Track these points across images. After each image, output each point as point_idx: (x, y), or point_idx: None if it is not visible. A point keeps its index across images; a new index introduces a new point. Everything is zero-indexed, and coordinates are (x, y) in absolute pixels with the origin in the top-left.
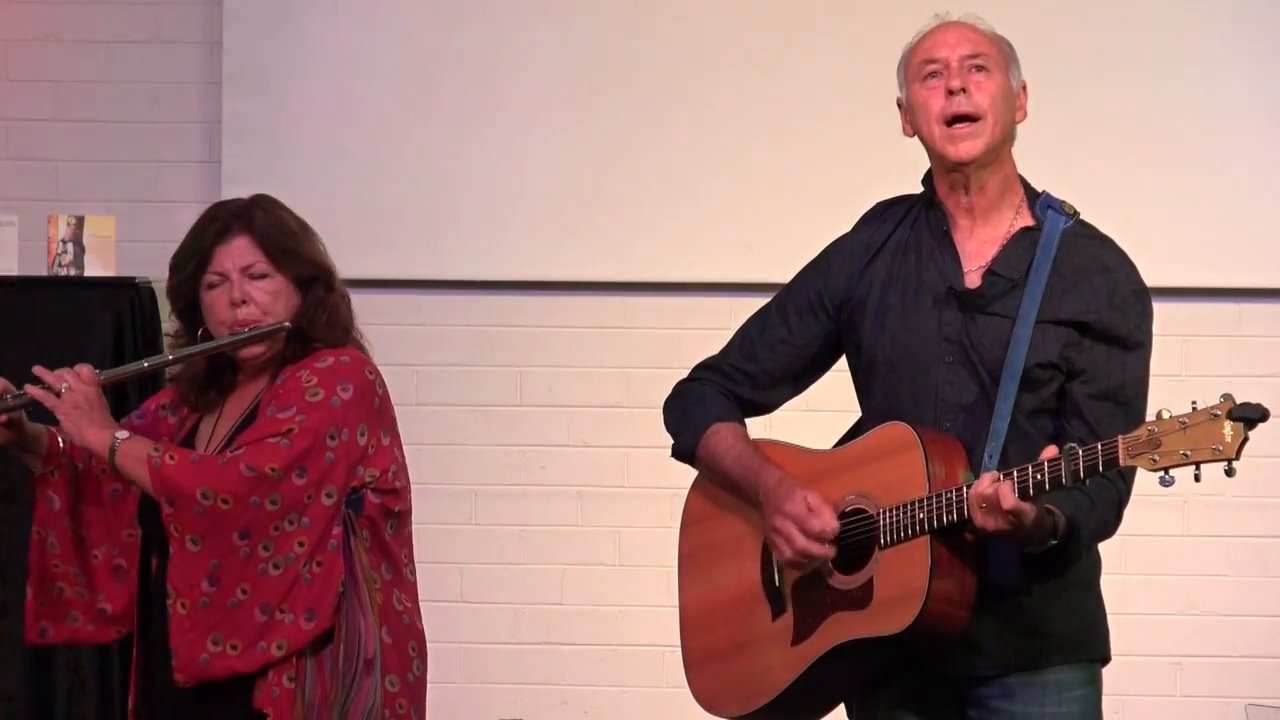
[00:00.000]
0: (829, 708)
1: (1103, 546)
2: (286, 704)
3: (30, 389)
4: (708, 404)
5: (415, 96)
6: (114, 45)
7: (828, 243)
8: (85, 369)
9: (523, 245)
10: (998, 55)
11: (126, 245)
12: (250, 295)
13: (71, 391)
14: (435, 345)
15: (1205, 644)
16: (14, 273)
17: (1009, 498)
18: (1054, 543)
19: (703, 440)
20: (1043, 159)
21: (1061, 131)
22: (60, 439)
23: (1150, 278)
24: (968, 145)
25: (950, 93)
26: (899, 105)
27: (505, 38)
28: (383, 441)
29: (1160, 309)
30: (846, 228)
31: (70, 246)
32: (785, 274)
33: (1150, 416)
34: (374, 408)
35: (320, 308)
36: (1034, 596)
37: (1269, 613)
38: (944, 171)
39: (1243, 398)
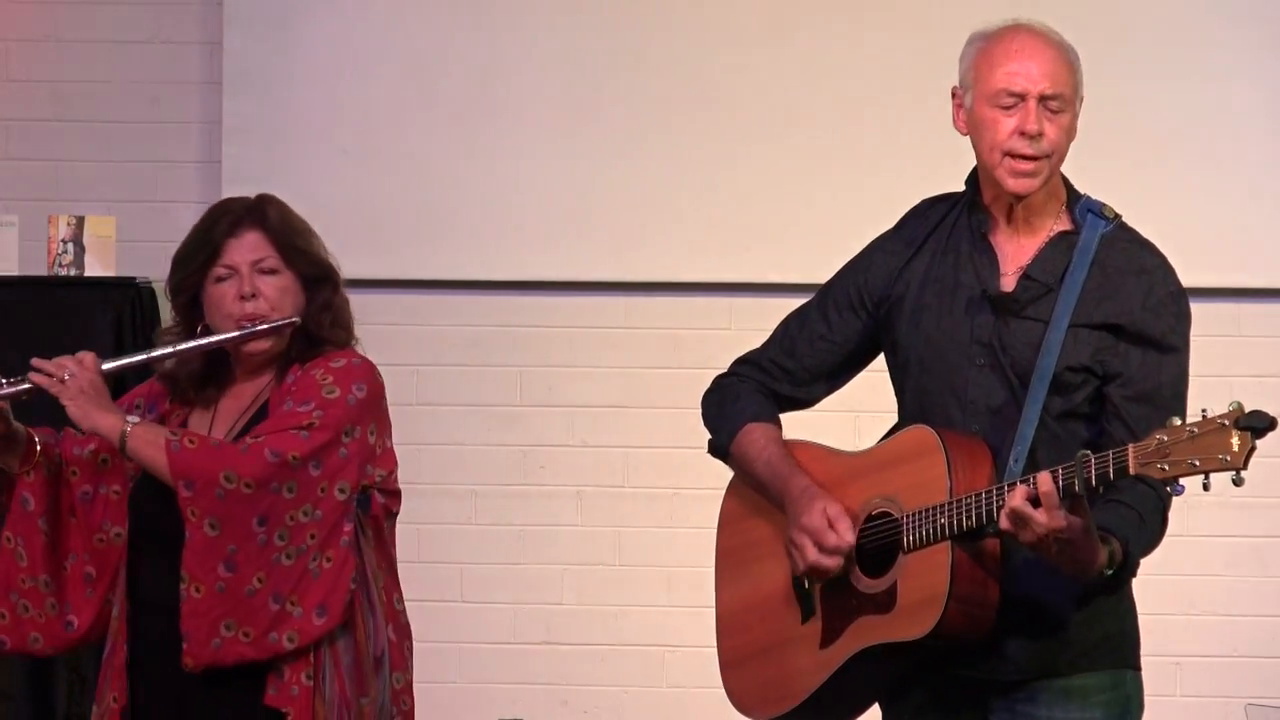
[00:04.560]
0: (858, 712)
1: None
2: (306, 702)
3: (34, 375)
4: (744, 402)
5: (415, 96)
6: (114, 45)
7: (828, 242)
8: (88, 356)
9: (523, 245)
10: (1072, 89)
11: (126, 245)
12: (260, 290)
13: (75, 378)
14: (435, 345)
15: (1205, 644)
16: (14, 273)
17: (1054, 496)
18: (1110, 572)
19: (736, 439)
20: None
21: None
22: (36, 438)
23: None
24: (1027, 183)
25: (1023, 133)
26: (954, 94)
27: (505, 38)
28: (387, 443)
29: None
30: (846, 228)
31: (70, 246)
32: (785, 274)
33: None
34: (382, 410)
35: (326, 309)
36: (1058, 602)
37: (1269, 613)
38: (992, 184)
39: (1242, 397)
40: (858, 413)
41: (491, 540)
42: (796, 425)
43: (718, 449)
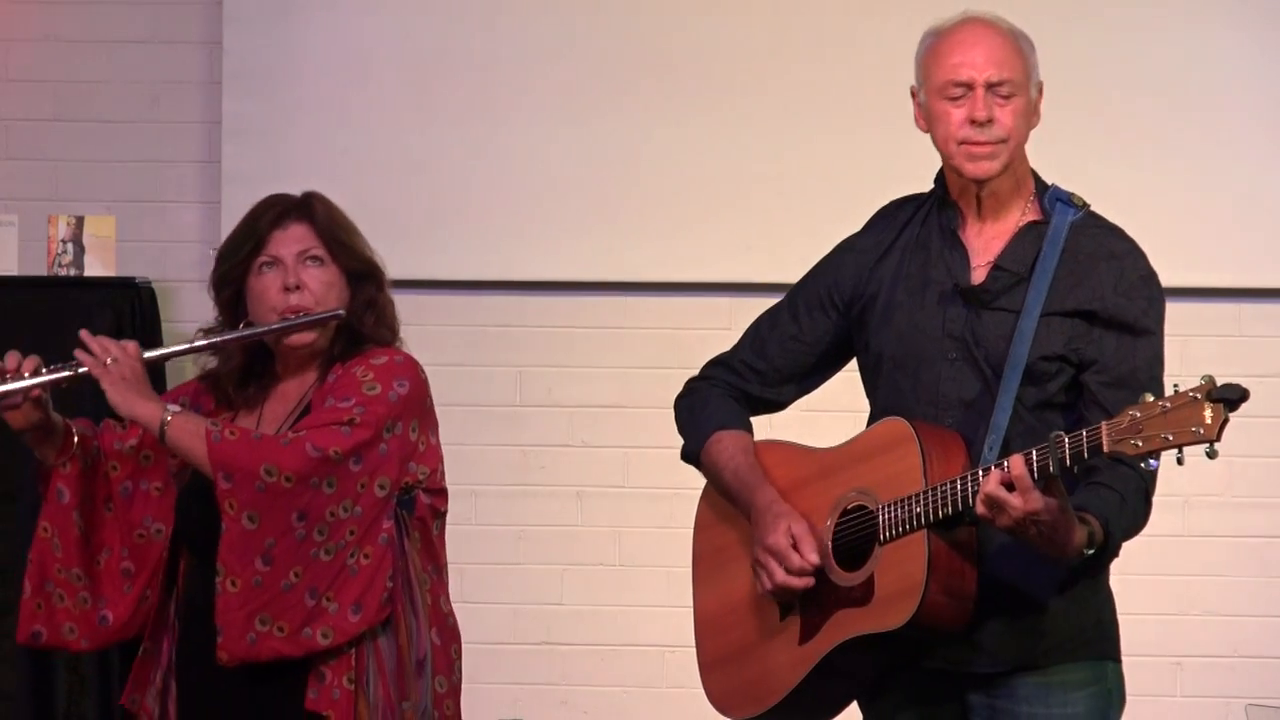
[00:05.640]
0: (839, 707)
1: None
2: (348, 706)
3: (80, 353)
4: (712, 408)
5: (415, 96)
6: (114, 45)
7: (828, 242)
8: (131, 344)
9: (523, 245)
10: (1021, 73)
11: (126, 245)
12: (304, 281)
13: (118, 364)
14: (435, 345)
15: (1205, 644)
16: (14, 273)
17: (1027, 479)
18: (1090, 552)
19: (705, 448)
20: (1042, 159)
21: (1061, 131)
22: (74, 429)
23: None
24: (986, 165)
25: (973, 121)
26: (913, 94)
27: (505, 37)
28: (431, 440)
29: None
30: (846, 227)
31: (70, 246)
32: (785, 274)
33: None
34: (426, 406)
35: (371, 306)
36: (1036, 592)
37: (1269, 613)
38: (955, 175)
39: None
40: (856, 413)
41: (491, 540)
42: (796, 424)
43: (688, 456)
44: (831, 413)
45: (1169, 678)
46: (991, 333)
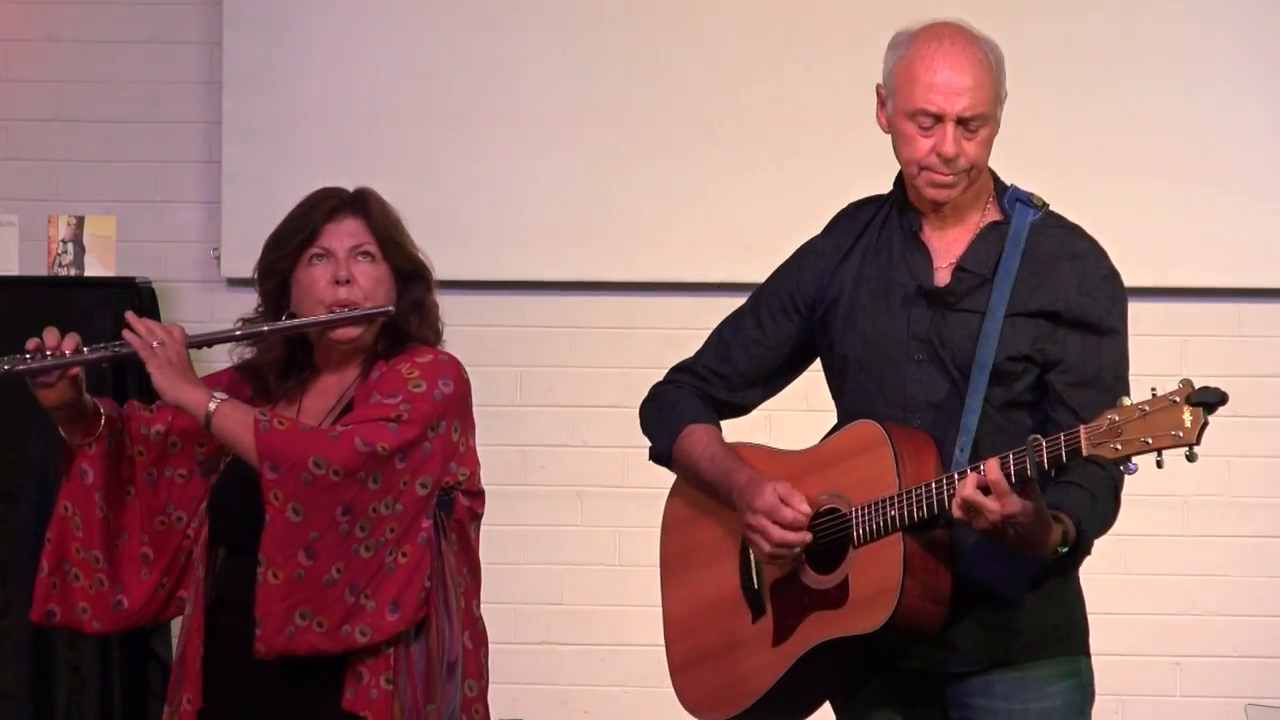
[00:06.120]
0: (812, 708)
1: (1102, 546)
2: (385, 706)
3: (128, 333)
4: (682, 407)
5: (415, 97)
6: (114, 45)
7: None
8: (177, 329)
9: (523, 245)
10: (992, 100)
11: (126, 245)
12: (355, 276)
13: (164, 348)
14: None
15: (1205, 644)
16: (14, 273)
17: (1003, 483)
18: (1064, 551)
19: (677, 443)
20: (1042, 159)
21: (1061, 132)
22: (101, 410)
23: (1150, 278)
24: (945, 193)
25: (940, 155)
26: (878, 93)
27: (506, 38)
28: (470, 442)
29: (1160, 309)
30: None
31: (70, 246)
32: None
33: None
34: (467, 407)
35: (418, 307)
36: (1009, 591)
37: (1269, 613)
38: (914, 189)
39: (1242, 397)
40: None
41: (491, 540)
42: (797, 422)
43: (659, 455)
44: (830, 412)
45: (1169, 678)
46: (957, 334)
